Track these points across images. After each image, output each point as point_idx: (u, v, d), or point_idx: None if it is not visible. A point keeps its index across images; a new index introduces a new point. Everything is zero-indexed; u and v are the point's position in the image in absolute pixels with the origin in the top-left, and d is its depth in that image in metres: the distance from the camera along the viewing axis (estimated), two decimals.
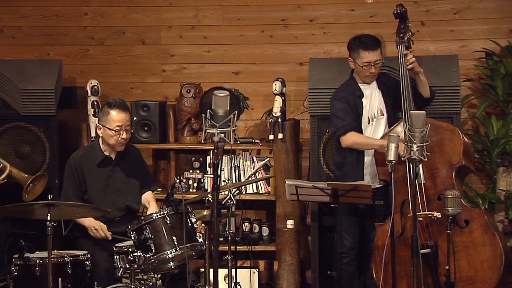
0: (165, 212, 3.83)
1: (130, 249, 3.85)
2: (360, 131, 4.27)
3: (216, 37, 5.49)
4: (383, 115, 4.32)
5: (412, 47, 4.38)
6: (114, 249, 3.92)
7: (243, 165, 5.19)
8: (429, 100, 4.39)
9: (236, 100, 4.85)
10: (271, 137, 4.98)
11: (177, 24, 5.52)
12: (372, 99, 4.33)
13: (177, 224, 3.79)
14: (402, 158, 3.54)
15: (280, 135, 4.96)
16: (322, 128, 4.79)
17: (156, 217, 3.82)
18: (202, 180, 5.25)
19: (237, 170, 5.18)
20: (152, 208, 4.22)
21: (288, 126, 5.00)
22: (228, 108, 3.24)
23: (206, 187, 5.21)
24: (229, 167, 5.17)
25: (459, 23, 5.25)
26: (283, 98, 5.01)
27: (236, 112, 3.29)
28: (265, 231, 5.24)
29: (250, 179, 4.99)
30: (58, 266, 3.77)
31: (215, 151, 3.26)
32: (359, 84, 4.33)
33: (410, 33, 4.29)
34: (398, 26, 4.33)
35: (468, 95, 5.11)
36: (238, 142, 5.12)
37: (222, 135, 3.21)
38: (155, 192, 4.43)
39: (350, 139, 4.22)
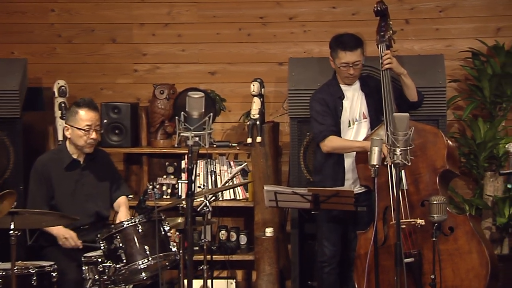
0: (137, 219, 3.82)
1: (100, 259, 3.84)
2: (339, 134, 4.30)
3: (191, 35, 5.49)
4: (366, 118, 4.35)
5: (394, 46, 4.43)
6: (83, 259, 3.90)
7: (220, 170, 5.20)
8: (416, 104, 4.41)
9: (211, 102, 4.85)
10: (249, 140, 5.00)
11: (150, 21, 5.52)
12: (354, 101, 4.36)
13: (149, 232, 3.79)
14: (385, 163, 3.58)
15: (259, 139, 4.98)
16: (302, 131, 4.81)
17: (127, 225, 3.81)
18: (176, 186, 5.24)
19: (213, 175, 5.18)
20: (122, 214, 4.20)
21: (267, 129, 5.02)
22: (203, 110, 3.25)
23: (180, 194, 5.20)
24: (204, 172, 5.17)
25: (444, 21, 5.32)
26: (261, 99, 5.03)
27: (211, 114, 3.31)
28: (243, 239, 5.25)
29: (227, 184, 4.99)
30: (22, 278, 3.74)
31: (190, 155, 3.27)
32: (340, 85, 4.37)
33: (391, 32, 4.33)
34: (378, 24, 4.38)
35: (454, 97, 5.18)
36: (214, 146, 5.13)
37: (197, 138, 3.22)
38: (128, 196, 4.42)
39: (329, 145, 4.26)
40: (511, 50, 5.07)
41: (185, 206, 3.57)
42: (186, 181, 4.05)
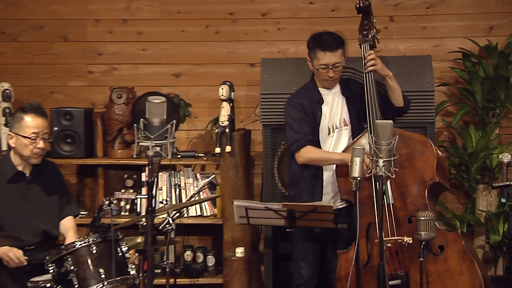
0: (91, 239, 3.78)
1: (49, 285, 3.79)
2: (317, 143, 4.31)
3: (152, 33, 5.49)
4: (347, 125, 4.37)
5: (378, 46, 4.46)
6: (29, 284, 3.85)
7: (185, 183, 5.19)
8: (401, 110, 4.45)
9: (175, 107, 4.84)
10: (218, 150, 4.99)
11: (106, 17, 5.50)
12: (334, 107, 4.38)
13: (105, 253, 3.75)
14: (366, 175, 3.60)
15: (228, 148, 4.97)
16: (276, 140, 4.83)
17: (80, 246, 3.77)
18: (135, 201, 5.21)
19: (177, 189, 5.18)
20: (71, 239, 4.15)
21: (238, 137, 5.02)
22: (165, 116, 3.23)
23: (140, 210, 5.18)
24: (167, 186, 5.17)
25: (432, 19, 5.38)
26: (231, 104, 5.03)
27: (174, 121, 3.28)
28: (211, 260, 5.23)
29: (192, 199, 4.97)
30: None
31: (150, 167, 3.25)
32: (319, 89, 4.39)
33: (374, 30, 4.36)
34: (361, 21, 4.41)
35: (443, 102, 5.23)
36: (179, 156, 5.11)
37: (158, 148, 3.20)
38: (78, 216, 4.37)
39: (305, 155, 4.27)
40: (504, 51, 5.13)
41: (145, 223, 3.53)
42: (147, 196, 4.02)
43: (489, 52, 5.16)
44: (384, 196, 3.99)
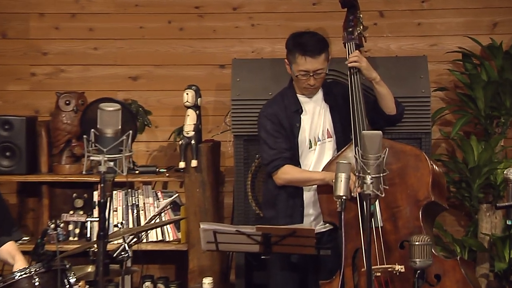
0: (33, 269, 3.75)
1: None
2: (296, 160, 4.32)
3: (105, 30, 5.49)
4: (331, 137, 4.39)
5: (365, 46, 4.50)
6: None
7: (144, 204, 5.18)
8: (394, 118, 4.47)
9: (132, 116, 4.83)
10: (182, 164, 4.99)
11: (52, 11, 5.49)
12: (316, 116, 4.39)
13: (49, 285, 3.73)
14: (352, 194, 3.61)
15: (194, 162, 4.97)
16: (250, 153, 4.84)
17: (20, 277, 3.74)
18: (86, 224, 5.19)
19: (135, 211, 5.17)
20: (20, 264, 4.11)
21: (205, 150, 5.02)
22: (120, 126, 3.23)
23: (91, 235, 5.15)
24: (123, 207, 5.16)
25: (428, 14, 5.44)
26: (197, 112, 5.03)
27: (131, 131, 3.28)
28: None
29: (153, 222, 4.95)
30: None
31: (102, 185, 3.24)
32: (298, 96, 4.40)
33: (361, 27, 4.39)
34: (346, 17, 4.43)
35: (440, 109, 5.27)
36: (136, 172, 5.12)
37: (112, 163, 3.19)
38: (19, 242, 4.34)
39: (283, 177, 4.29)
40: (510, 51, 5.19)
41: (97, 250, 3.51)
42: (98, 219, 4.00)
43: (492, 53, 5.21)
44: (373, 218, 4.00)
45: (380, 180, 3.39)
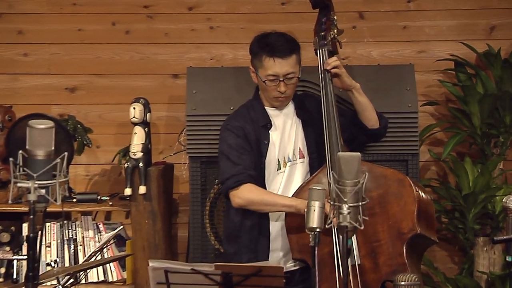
0: None
1: None
2: (261, 182, 4.31)
3: (37, 32, 5.48)
4: (303, 157, 4.40)
5: (341, 53, 4.51)
6: None
7: (83, 238, 5.16)
8: (376, 133, 4.50)
9: (68, 134, 4.80)
10: (128, 191, 4.97)
11: None
12: (286, 132, 4.41)
13: None
14: (326, 226, 3.61)
15: (142, 189, 4.96)
16: (208, 177, 4.85)
17: None
18: (13, 263, 5.13)
19: (72, 246, 5.14)
20: None
21: (155, 174, 5.00)
22: (53, 147, 3.20)
23: (18, 275, 5.09)
24: (58, 241, 5.12)
25: (415, 16, 5.48)
26: (146, 129, 5.02)
27: (67, 153, 3.26)
28: None
29: (93, 259, 4.91)
30: None
31: (32, 216, 3.21)
32: (266, 108, 4.41)
33: (336, 31, 4.39)
34: (317, 19, 4.44)
35: (430, 126, 5.29)
36: (74, 200, 5.09)
37: (43, 191, 3.16)
38: None
39: (243, 196, 4.26)
40: (510, 59, 5.24)
41: None
42: (27, 256, 3.96)
43: (489, 61, 5.25)
44: (349, 255, 4.00)
45: (359, 210, 3.38)
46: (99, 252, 4.87)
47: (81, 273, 4.36)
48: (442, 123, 5.37)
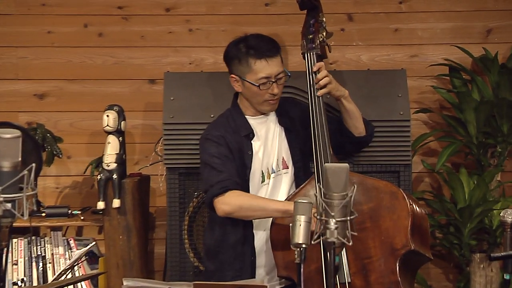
0: None
1: None
2: (246, 191, 4.30)
3: (4, 35, 5.47)
4: (287, 168, 4.41)
5: (330, 57, 4.53)
6: None
7: (52, 255, 5.15)
8: (363, 140, 4.51)
9: (36, 144, 4.76)
10: (101, 205, 4.96)
11: None
12: (269, 142, 4.41)
13: None
14: (313, 241, 3.61)
15: (116, 202, 4.95)
16: (187, 190, 4.86)
17: None
18: None
19: (40, 264, 5.13)
20: None
21: (130, 186, 5.00)
22: (20, 158, 3.19)
23: None
24: (26, 259, 5.12)
25: (407, 18, 5.50)
26: (121, 138, 5.03)
27: (35, 164, 3.24)
28: None
29: (64, 278, 4.90)
30: None
31: None
32: (246, 117, 4.42)
33: (324, 34, 4.39)
34: (305, 21, 4.44)
35: (423, 136, 5.31)
36: (43, 215, 5.08)
37: (9, 205, 3.15)
38: None
39: (231, 201, 4.22)
40: (508, 64, 5.25)
41: None
42: None
43: (486, 66, 5.27)
44: (338, 272, 4.00)
45: (347, 225, 3.38)
46: (69, 270, 4.86)
47: None
48: (436, 132, 5.38)
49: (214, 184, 4.24)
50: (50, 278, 5.08)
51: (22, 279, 4.93)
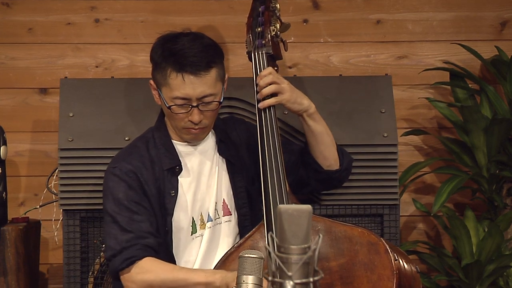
0: None
1: None
2: (167, 252, 4.32)
3: None
4: (230, 214, 4.43)
5: (287, 57, 4.51)
6: None
7: None
8: (335, 177, 4.51)
9: None
10: None
11: None
12: (204, 179, 4.42)
13: None
14: None
15: None
16: (91, 241, 4.93)
17: None
18: None
19: None
20: None
21: (13, 236, 4.96)
22: None
23: None
24: None
25: (393, 5, 5.52)
26: (0, 170, 4.97)
27: None
28: None
29: None
30: None
31: None
32: (174, 143, 4.42)
33: (278, 26, 4.39)
34: (251, 8, 4.43)
35: (415, 166, 5.32)
36: None
37: None
38: None
39: (137, 278, 4.23)
40: None
41: None
42: None
43: (500, 71, 5.31)
44: None
45: None
46: None
47: None
48: (432, 161, 5.40)
49: (116, 254, 4.24)
50: None
51: None
